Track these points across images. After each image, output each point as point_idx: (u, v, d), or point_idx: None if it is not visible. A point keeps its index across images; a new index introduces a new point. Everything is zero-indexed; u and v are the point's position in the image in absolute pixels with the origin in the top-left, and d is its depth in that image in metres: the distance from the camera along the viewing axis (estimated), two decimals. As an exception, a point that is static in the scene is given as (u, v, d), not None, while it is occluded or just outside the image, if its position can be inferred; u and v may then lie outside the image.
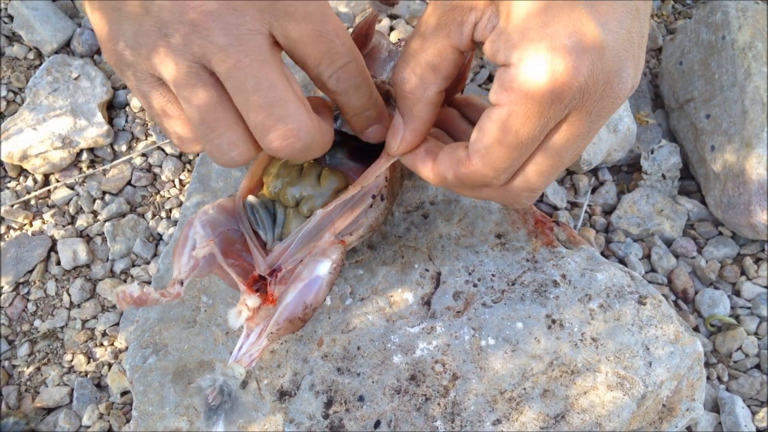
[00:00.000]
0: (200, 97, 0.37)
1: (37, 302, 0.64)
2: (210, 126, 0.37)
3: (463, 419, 0.48)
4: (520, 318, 0.50)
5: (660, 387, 0.49)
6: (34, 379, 0.61)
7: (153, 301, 0.42)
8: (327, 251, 0.45)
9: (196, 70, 0.36)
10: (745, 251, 0.64)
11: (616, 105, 0.36)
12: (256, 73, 0.36)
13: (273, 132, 0.37)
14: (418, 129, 0.42)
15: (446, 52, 0.39)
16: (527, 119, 0.36)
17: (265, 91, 0.37)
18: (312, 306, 0.44)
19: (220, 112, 0.37)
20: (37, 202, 0.68)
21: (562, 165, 0.39)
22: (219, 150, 0.38)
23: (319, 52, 0.39)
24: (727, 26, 0.66)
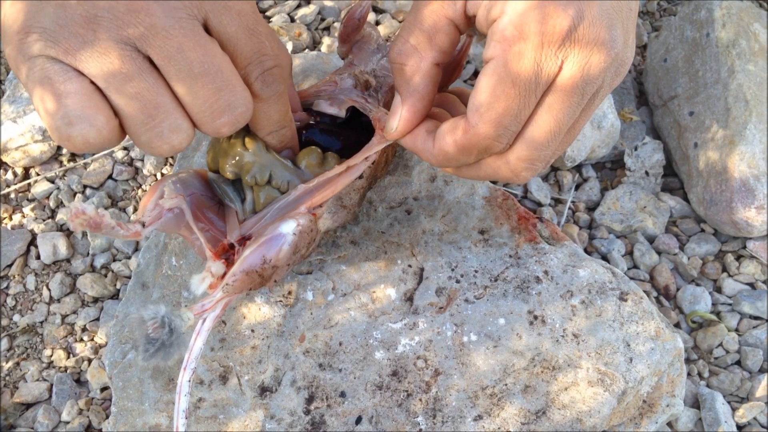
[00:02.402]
0: (138, 83, 0.35)
1: (17, 297, 0.63)
2: (150, 113, 0.35)
3: (445, 415, 0.48)
4: (503, 314, 0.50)
5: (640, 383, 0.49)
6: (13, 374, 0.60)
7: (107, 227, 0.39)
8: (295, 215, 0.45)
9: (130, 54, 0.34)
10: (727, 248, 0.64)
11: (606, 64, 0.36)
12: (201, 57, 0.35)
13: (223, 117, 0.37)
14: (417, 105, 0.41)
15: (441, 22, 0.39)
16: (521, 62, 0.35)
17: (213, 75, 0.36)
18: (271, 262, 0.44)
19: (160, 97, 0.35)
20: (17, 195, 0.67)
21: (560, 130, 0.38)
22: (160, 137, 0.36)
23: (250, 50, 0.38)
24: (711, 24, 0.66)
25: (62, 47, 0.33)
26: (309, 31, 0.74)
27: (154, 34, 0.34)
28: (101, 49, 0.34)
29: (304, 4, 0.76)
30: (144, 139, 0.36)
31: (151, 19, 0.34)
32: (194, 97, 0.36)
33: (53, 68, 0.34)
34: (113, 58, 0.34)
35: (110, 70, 0.34)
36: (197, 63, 0.35)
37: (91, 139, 0.35)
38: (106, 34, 0.33)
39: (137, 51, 0.34)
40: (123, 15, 0.33)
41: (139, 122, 0.35)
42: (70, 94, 0.34)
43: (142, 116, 0.35)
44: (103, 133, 0.35)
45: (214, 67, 0.36)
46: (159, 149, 0.37)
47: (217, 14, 0.36)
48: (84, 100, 0.34)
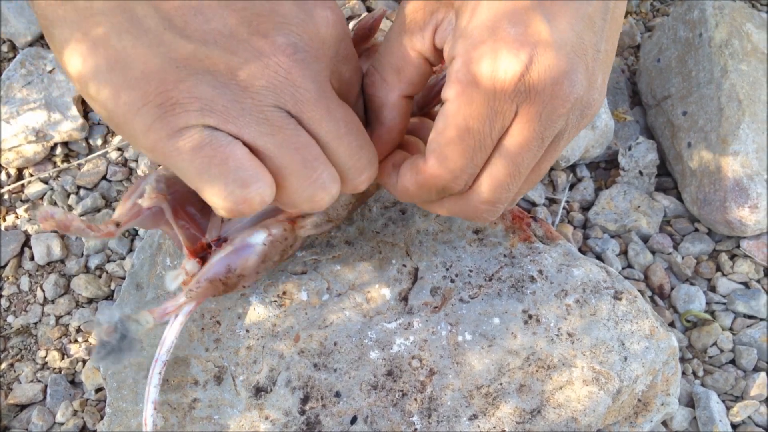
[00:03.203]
0: (297, 139, 0.35)
1: (11, 298, 0.63)
2: (311, 165, 0.36)
3: (440, 414, 0.48)
4: (497, 313, 0.50)
5: (635, 382, 0.49)
6: (7, 375, 0.60)
7: (77, 229, 0.39)
8: (269, 224, 0.45)
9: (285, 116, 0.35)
10: (721, 247, 0.64)
11: (565, 109, 0.35)
12: (344, 117, 0.36)
13: (364, 174, 0.38)
14: (384, 136, 0.42)
15: (409, 56, 0.39)
16: (473, 110, 0.35)
17: (355, 134, 0.37)
18: (236, 272, 0.44)
19: (316, 149, 0.36)
20: (10, 196, 0.67)
21: (520, 174, 0.38)
22: (323, 188, 0.37)
23: (354, 92, 0.40)
24: (704, 24, 0.66)
25: (221, 116, 0.33)
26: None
27: (306, 101, 0.35)
28: (259, 116, 0.34)
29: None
30: (307, 193, 0.36)
31: (305, 85, 0.34)
32: (340, 156, 0.37)
33: (213, 136, 0.33)
34: (272, 122, 0.34)
35: (269, 132, 0.34)
36: (343, 123, 0.36)
37: (267, 197, 0.35)
38: (265, 103, 0.34)
39: (290, 115, 0.35)
40: (280, 84, 0.34)
41: (302, 176, 0.36)
42: (238, 157, 0.34)
43: (304, 169, 0.35)
44: (273, 191, 0.35)
45: (355, 126, 0.37)
46: (321, 201, 0.37)
47: (337, 67, 0.37)
48: (252, 162, 0.34)
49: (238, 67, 0.33)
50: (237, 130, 0.34)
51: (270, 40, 0.33)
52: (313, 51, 0.35)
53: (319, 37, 0.35)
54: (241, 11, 0.33)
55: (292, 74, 0.34)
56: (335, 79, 0.37)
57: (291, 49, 0.34)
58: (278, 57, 0.33)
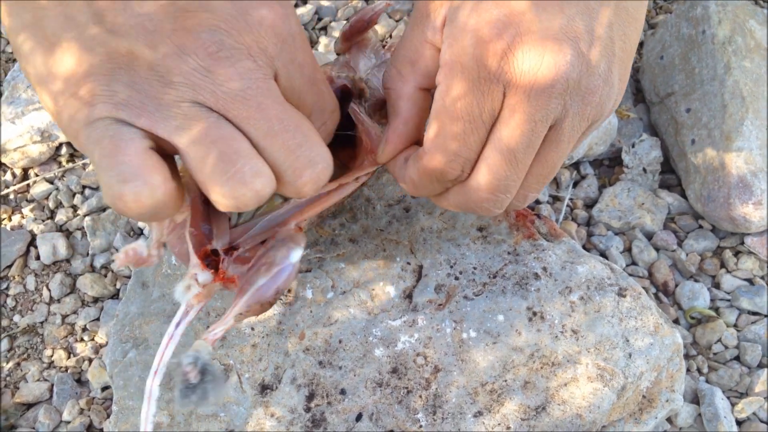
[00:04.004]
0: (216, 132, 0.34)
1: (17, 297, 0.63)
2: (229, 159, 0.34)
3: (445, 411, 0.48)
4: (502, 311, 0.51)
5: (640, 378, 0.50)
6: (13, 374, 0.60)
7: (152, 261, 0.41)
8: (295, 238, 0.44)
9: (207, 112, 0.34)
10: (725, 244, 0.64)
11: (555, 91, 0.35)
12: (280, 114, 0.35)
13: (305, 175, 0.36)
14: (399, 128, 0.41)
15: (422, 47, 0.39)
16: (459, 90, 0.35)
17: (293, 132, 0.36)
18: (281, 290, 0.43)
19: (239, 143, 0.34)
20: (16, 196, 0.67)
21: (517, 161, 0.37)
22: (242, 183, 0.34)
23: (312, 101, 0.39)
24: (707, 21, 0.66)
25: (135, 111, 0.33)
26: (306, 30, 0.74)
27: (232, 98, 0.34)
28: (176, 111, 0.33)
29: (301, 4, 0.76)
30: (226, 189, 0.34)
31: (228, 83, 0.34)
32: (276, 156, 0.35)
33: (118, 130, 0.33)
34: (189, 117, 0.34)
35: (185, 126, 0.34)
36: (276, 120, 0.35)
37: (143, 197, 0.33)
38: (182, 98, 0.33)
39: (211, 110, 0.34)
40: (199, 80, 0.33)
41: (219, 171, 0.34)
42: (129, 153, 0.33)
43: (221, 163, 0.34)
44: (156, 194, 0.33)
45: (293, 124, 0.36)
46: (243, 197, 0.35)
47: (285, 69, 0.36)
48: (142, 159, 0.33)
49: (157, 63, 0.33)
50: (150, 125, 0.33)
51: (194, 36, 0.33)
52: (245, 49, 0.34)
53: (252, 36, 0.34)
54: (168, 6, 0.33)
55: (213, 72, 0.33)
56: (284, 80, 0.37)
57: (215, 47, 0.33)
58: (200, 54, 0.33)
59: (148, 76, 0.33)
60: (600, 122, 0.39)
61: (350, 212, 0.55)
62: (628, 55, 0.38)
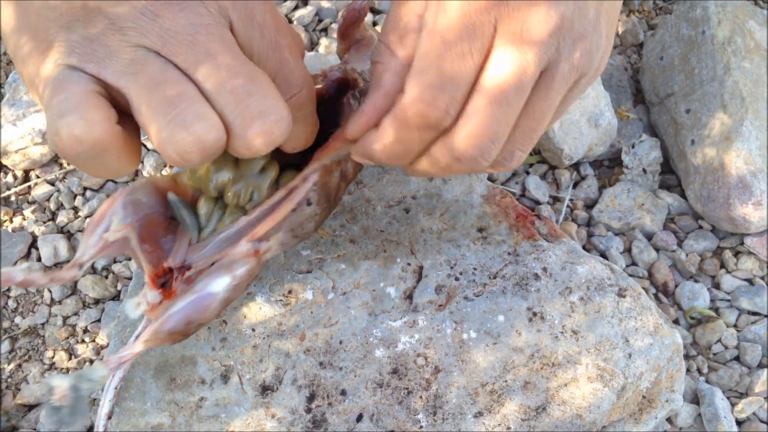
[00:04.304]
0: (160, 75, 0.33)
1: (18, 299, 0.63)
2: (171, 101, 0.33)
3: (445, 412, 0.48)
4: (502, 311, 0.51)
5: (640, 378, 0.50)
6: (15, 376, 0.60)
7: (41, 285, 0.40)
8: (233, 265, 0.43)
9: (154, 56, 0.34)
10: (725, 244, 0.64)
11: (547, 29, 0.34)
12: (230, 60, 0.34)
13: (254, 126, 0.34)
14: (379, 102, 0.39)
15: (413, 21, 0.37)
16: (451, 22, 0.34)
17: (243, 78, 0.34)
18: (197, 322, 0.42)
19: (182, 85, 0.33)
20: (17, 198, 0.67)
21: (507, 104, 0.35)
22: (183, 126, 0.33)
23: (274, 68, 0.37)
24: (707, 21, 0.66)
25: (85, 57, 0.34)
26: (306, 32, 0.74)
27: (179, 41, 0.33)
28: (124, 57, 0.33)
29: (302, 6, 0.77)
30: (165, 133, 0.33)
31: (176, 27, 0.33)
32: (223, 105, 0.34)
33: (68, 74, 0.34)
34: (135, 62, 0.33)
35: (131, 71, 0.33)
36: (225, 67, 0.34)
37: (78, 131, 0.32)
38: (129, 42, 0.33)
39: (159, 55, 0.34)
40: (146, 24, 0.33)
41: (160, 113, 0.33)
42: (72, 91, 0.33)
43: (163, 106, 0.33)
44: (93, 130, 0.32)
45: (244, 72, 0.34)
46: (183, 143, 0.33)
47: (242, 25, 0.35)
48: (83, 97, 0.33)
49: (108, 11, 0.33)
50: (97, 70, 0.34)
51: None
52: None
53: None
54: None
55: (161, 15, 0.33)
56: (242, 38, 0.36)
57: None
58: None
59: (101, 24, 0.34)
60: (587, 79, 0.38)
61: (350, 213, 0.56)
62: (613, 13, 0.37)
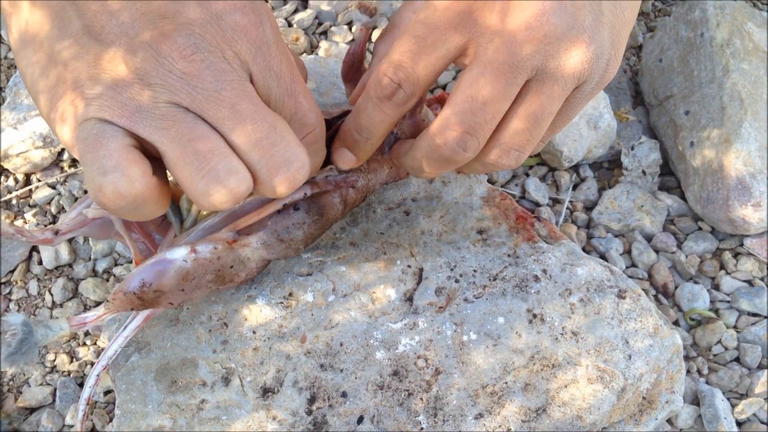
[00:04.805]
0: (192, 131, 0.35)
1: (20, 302, 0.63)
2: (204, 157, 0.35)
3: (446, 414, 0.48)
4: (502, 313, 0.51)
5: (640, 380, 0.50)
6: (16, 379, 0.60)
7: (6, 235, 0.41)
8: (198, 241, 0.44)
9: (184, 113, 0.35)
10: (724, 246, 0.65)
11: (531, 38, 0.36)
12: (253, 114, 0.36)
13: (280, 174, 0.37)
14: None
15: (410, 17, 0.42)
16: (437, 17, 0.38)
17: (267, 131, 0.36)
18: (151, 286, 0.43)
19: (213, 142, 0.36)
20: (18, 201, 0.67)
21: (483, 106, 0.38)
22: (216, 181, 0.35)
23: (290, 112, 0.40)
24: (706, 23, 0.66)
25: (117, 111, 0.35)
26: (306, 35, 0.74)
27: (207, 98, 0.35)
28: (154, 112, 0.35)
29: (302, 9, 0.77)
30: (201, 186, 0.35)
31: (203, 84, 0.35)
32: (250, 155, 0.36)
33: (102, 128, 0.35)
34: (166, 118, 0.35)
35: (163, 126, 0.35)
36: (250, 120, 0.36)
37: (122, 188, 0.34)
38: (159, 99, 0.35)
39: (188, 111, 0.36)
40: (175, 82, 0.35)
41: (194, 168, 0.35)
42: (110, 148, 0.35)
43: (197, 161, 0.35)
44: (135, 185, 0.35)
45: (267, 124, 0.36)
46: (218, 196, 0.36)
47: (261, 76, 0.37)
48: (122, 153, 0.35)
49: (137, 67, 0.35)
50: (131, 125, 0.35)
51: (171, 40, 0.35)
52: (219, 53, 0.36)
53: (226, 40, 0.36)
54: (149, 14, 0.35)
55: (188, 73, 0.35)
56: (261, 87, 0.38)
57: (190, 50, 0.35)
58: (175, 57, 0.35)
59: (130, 79, 0.35)
60: (592, 86, 0.39)
61: (351, 216, 0.56)
62: (620, 22, 0.38)
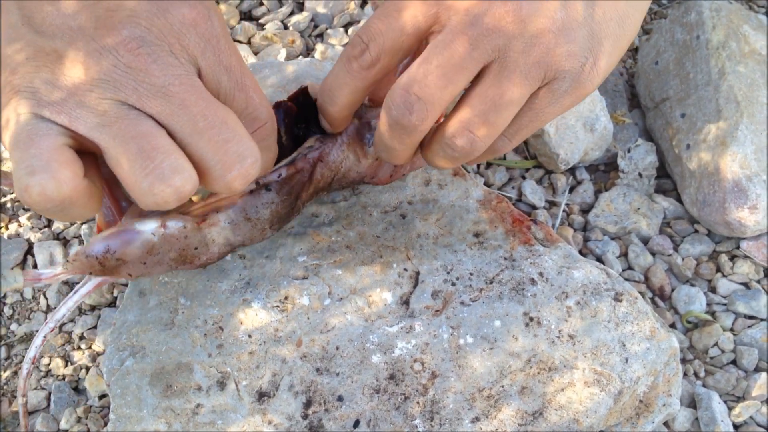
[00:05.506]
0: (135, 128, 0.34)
1: (14, 306, 0.63)
2: (148, 155, 0.34)
3: (442, 417, 0.48)
4: (498, 316, 0.51)
5: (636, 383, 0.50)
6: (11, 383, 0.60)
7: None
8: (169, 216, 0.44)
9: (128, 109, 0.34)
10: (721, 248, 0.65)
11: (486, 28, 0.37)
12: (204, 110, 0.35)
13: (234, 170, 0.36)
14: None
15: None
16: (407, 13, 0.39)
17: (219, 128, 0.35)
18: (115, 255, 0.43)
19: (158, 139, 0.34)
20: (13, 204, 0.67)
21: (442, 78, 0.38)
22: (161, 179, 0.34)
23: (241, 106, 0.39)
24: (702, 26, 0.66)
25: (54, 108, 0.34)
26: (303, 38, 0.74)
27: (154, 94, 0.34)
28: (96, 108, 0.34)
29: (297, 11, 0.77)
30: (144, 185, 0.34)
31: (150, 79, 0.34)
32: (202, 152, 0.35)
33: (36, 126, 0.34)
34: (108, 114, 0.34)
35: (104, 123, 0.34)
36: (201, 116, 0.35)
37: (48, 191, 0.33)
38: (103, 96, 0.34)
39: (133, 108, 0.34)
40: (120, 77, 0.34)
41: (138, 166, 0.34)
42: (41, 147, 0.33)
43: (140, 159, 0.34)
44: (63, 189, 0.33)
45: (218, 120, 0.36)
46: (162, 194, 0.34)
47: (210, 70, 0.37)
48: (53, 154, 0.33)
49: (79, 61, 0.34)
50: (69, 122, 0.34)
51: (115, 33, 0.34)
52: (166, 46, 0.35)
53: (173, 33, 0.35)
54: (92, 7, 0.34)
55: (133, 68, 0.34)
56: (210, 82, 0.37)
57: (135, 43, 0.34)
58: (120, 50, 0.34)
59: (71, 74, 0.34)
60: (564, 88, 0.39)
61: (346, 219, 0.56)
62: (603, 30, 0.38)
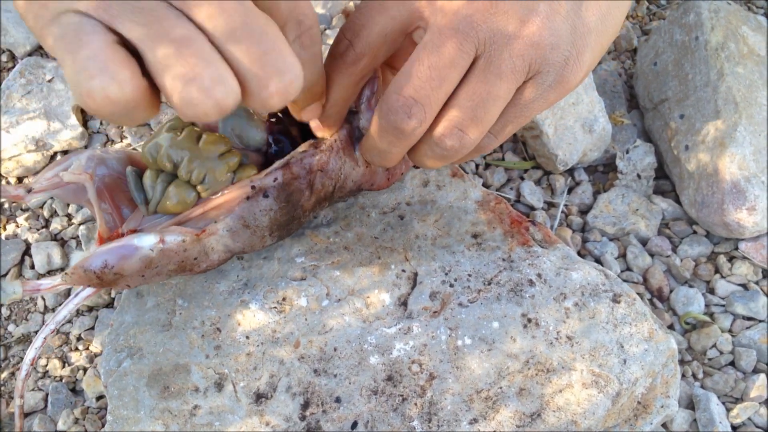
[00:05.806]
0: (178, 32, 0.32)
1: (11, 307, 0.63)
2: (190, 62, 0.32)
3: (440, 419, 0.48)
4: (496, 317, 0.51)
5: (635, 384, 0.50)
6: (8, 384, 0.60)
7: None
8: (167, 231, 0.43)
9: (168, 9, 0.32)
10: (719, 249, 0.65)
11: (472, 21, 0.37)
12: (243, 18, 0.33)
13: (271, 86, 0.34)
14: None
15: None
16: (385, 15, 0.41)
17: (258, 37, 0.33)
18: (113, 269, 0.43)
19: (201, 45, 0.32)
20: (10, 205, 0.67)
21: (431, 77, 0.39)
22: (202, 90, 0.32)
23: (287, 8, 0.37)
24: (700, 27, 0.66)
25: (91, 2, 0.32)
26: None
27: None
28: (135, 5, 0.32)
29: (296, 12, 0.77)
30: (185, 95, 0.32)
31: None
32: (240, 63, 0.33)
33: (80, 21, 0.32)
34: (148, 13, 0.32)
35: (144, 22, 0.32)
36: (240, 23, 0.33)
37: (112, 94, 0.31)
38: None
39: (177, 10, 0.32)
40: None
41: (179, 74, 0.32)
42: (93, 47, 0.32)
43: (182, 67, 0.32)
44: (125, 90, 0.32)
45: (258, 29, 0.33)
46: (203, 107, 0.32)
47: None
48: (108, 53, 0.32)
49: None
50: (110, 19, 0.32)
51: None
52: None
53: None
54: None
55: None
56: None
57: None
58: None
59: None
60: (548, 82, 0.39)
61: (344, 220, 0.55)
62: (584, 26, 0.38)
